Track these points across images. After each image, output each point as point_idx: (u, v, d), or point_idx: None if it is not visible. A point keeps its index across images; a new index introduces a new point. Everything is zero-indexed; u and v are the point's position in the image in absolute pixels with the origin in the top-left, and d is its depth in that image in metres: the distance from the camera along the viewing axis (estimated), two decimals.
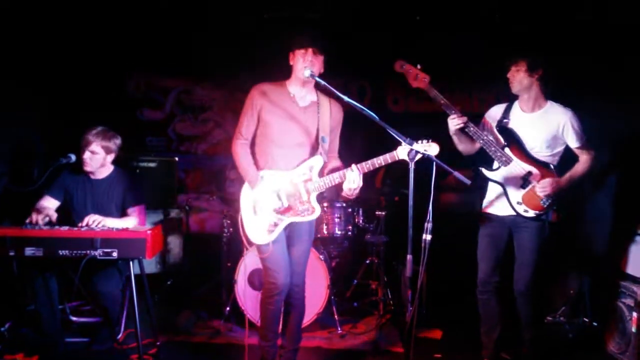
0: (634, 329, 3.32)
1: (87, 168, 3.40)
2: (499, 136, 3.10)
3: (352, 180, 2.77)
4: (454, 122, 3.00)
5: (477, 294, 3.25)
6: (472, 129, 3.00)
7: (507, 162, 3.04)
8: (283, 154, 2.88)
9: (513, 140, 3.07)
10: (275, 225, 2.86)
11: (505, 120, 3.12)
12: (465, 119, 2.99)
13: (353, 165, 2.79)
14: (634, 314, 3.32)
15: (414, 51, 4.73)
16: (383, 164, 2.77)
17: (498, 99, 3.56)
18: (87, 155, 3.36)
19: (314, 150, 2.93)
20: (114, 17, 4.73)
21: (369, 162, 2.78)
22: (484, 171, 3.12)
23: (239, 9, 4.73)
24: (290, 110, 2.89)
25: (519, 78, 3.06)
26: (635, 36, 4.00)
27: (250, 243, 2.90)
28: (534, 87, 3.07)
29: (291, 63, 2.90)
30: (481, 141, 3.03)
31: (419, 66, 2.96)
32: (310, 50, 2.82)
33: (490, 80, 4.78)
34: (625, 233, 3.66)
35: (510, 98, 3.20)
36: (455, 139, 3.11)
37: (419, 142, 2.69)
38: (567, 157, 3.15)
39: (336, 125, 3.02)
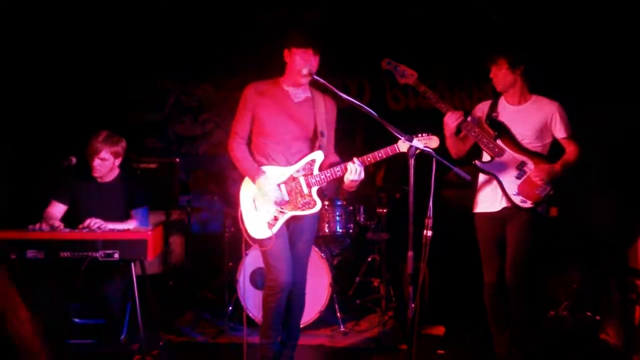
0: (637, 323, 3.32)
1: (97, 174, 3.40)
2: (489, 129, 3.09)
3: (354, 170, 2.74)
4: (452, 118, 2.99)
5: (486, 296, 3.15)
6: (465, 123, 3.02)
7: (499, 153, 3.03)
8: (282, 150, 2.88)
9: (504, 132, 3.05)
10: (276, 219, 2.85)
11: (494, 114, 3.11)
12: (461, 112, 3.00)
13: (355, 158, 2.77)
14: (637, 308, 3.32)
15: (413, 48, 4.75)
16: (384, 157, 2.76)
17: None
18: (97, 162, 3.34)
19: (313, 144, 2.92)
20: (114, 19, 4.74)
21: (370, 155, 2.78)
22: (478, 164, 3.09)
23: (236, 10, 4.74)
24: (285, 106, 2.89)
25: (501, 76, 3.06)
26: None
27: (252, 239, 2.87)
28: (518, 82, 3.08)
29: (286, 60, 2.87)
30: (473, 133, 3.04)
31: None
32: (310, 50, 2.80)
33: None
34: (629, 226, 3.65)
35: (493, 93, 3.20)
36: (449, 141, 3.09)
37: (419, 136, 2.71)
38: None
39: (331, 120, 3.00)
